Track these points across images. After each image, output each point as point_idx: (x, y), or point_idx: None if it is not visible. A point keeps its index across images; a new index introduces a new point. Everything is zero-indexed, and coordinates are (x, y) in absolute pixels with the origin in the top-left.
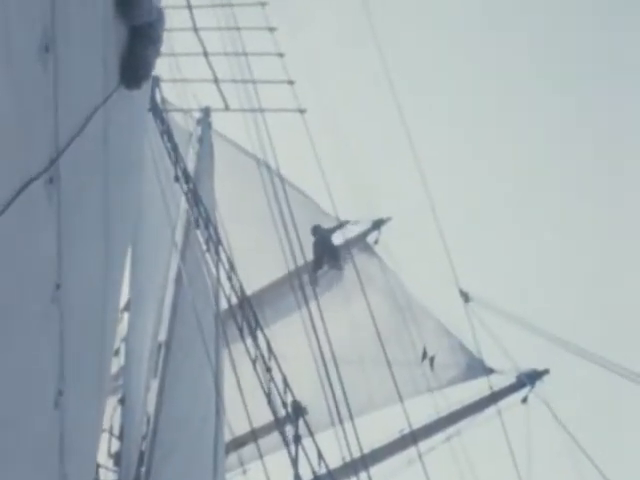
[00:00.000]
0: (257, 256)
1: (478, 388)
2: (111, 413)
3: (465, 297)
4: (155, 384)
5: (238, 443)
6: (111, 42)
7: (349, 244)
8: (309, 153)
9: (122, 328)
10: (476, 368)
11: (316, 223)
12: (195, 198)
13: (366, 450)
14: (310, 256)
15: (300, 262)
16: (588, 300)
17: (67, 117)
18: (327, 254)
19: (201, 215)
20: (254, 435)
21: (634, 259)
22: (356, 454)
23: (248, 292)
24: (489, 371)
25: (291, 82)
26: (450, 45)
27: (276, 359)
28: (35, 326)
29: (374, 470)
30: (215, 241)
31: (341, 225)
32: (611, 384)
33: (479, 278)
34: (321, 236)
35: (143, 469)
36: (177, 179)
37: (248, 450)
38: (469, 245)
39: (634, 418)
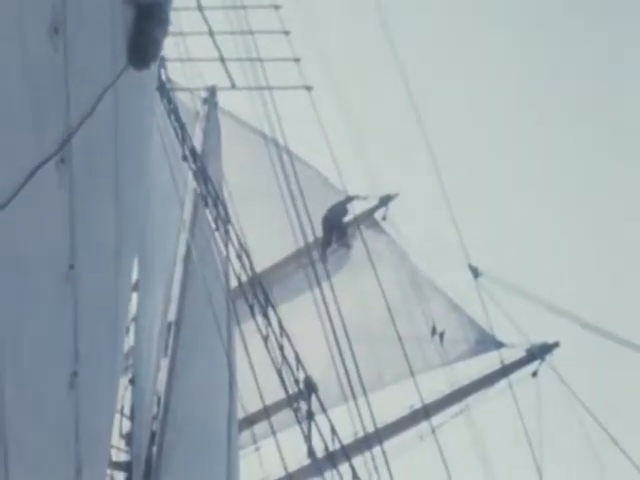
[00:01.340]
0: (266, 234)
1: (489, 362)
2: (122, 393)
3: (475, 272)
4: (165, 364)
5: (250, 421)
6: (119, 23)
7: (357, 220)
8: (316, 130)
9: (131, 308)
10: (487, 342)
11: (325, 198)
12: (203, 176)
13: (378, 426)
14: (319, 233)
15: (310, 238)
16: (597, 273)
17: (78, 98)
18: (336, 231)
19: (209, 193)
20: (266, 412)
21: None
22: (369, 430)
23: (257, 270)
24: (499, 345)
25: (297, 59)
26: (457, 18)
27: (288, 336)
28: (50, 307)
29: (386, 445)
30: (224, 219)
31: (349, 200)
32: (621, 356)
33: (488, 252)
34: (330, 212)
35: (154, 449)
36: (185, 158)
37: (260, 427)
38: (477, 219)
39: None
